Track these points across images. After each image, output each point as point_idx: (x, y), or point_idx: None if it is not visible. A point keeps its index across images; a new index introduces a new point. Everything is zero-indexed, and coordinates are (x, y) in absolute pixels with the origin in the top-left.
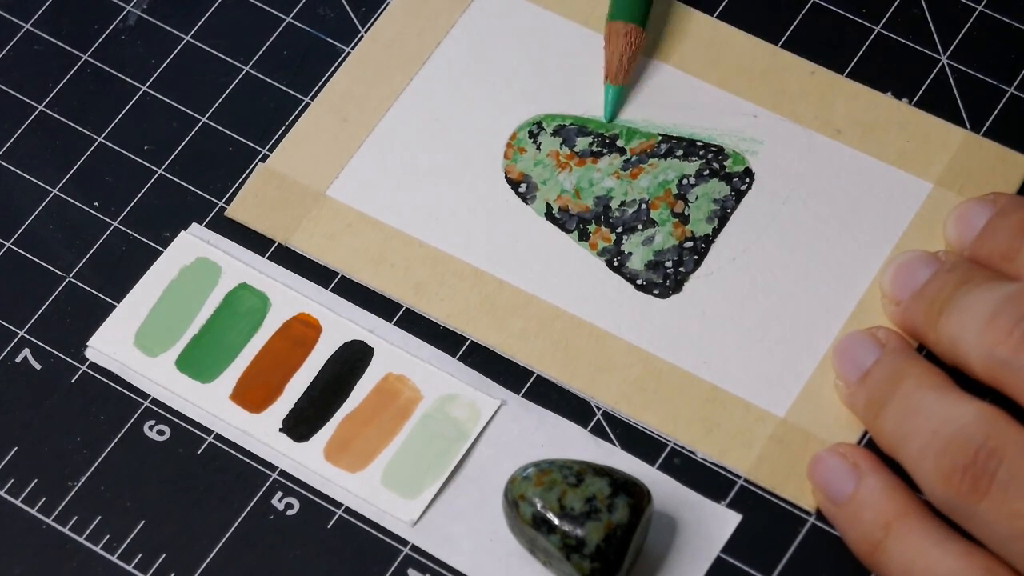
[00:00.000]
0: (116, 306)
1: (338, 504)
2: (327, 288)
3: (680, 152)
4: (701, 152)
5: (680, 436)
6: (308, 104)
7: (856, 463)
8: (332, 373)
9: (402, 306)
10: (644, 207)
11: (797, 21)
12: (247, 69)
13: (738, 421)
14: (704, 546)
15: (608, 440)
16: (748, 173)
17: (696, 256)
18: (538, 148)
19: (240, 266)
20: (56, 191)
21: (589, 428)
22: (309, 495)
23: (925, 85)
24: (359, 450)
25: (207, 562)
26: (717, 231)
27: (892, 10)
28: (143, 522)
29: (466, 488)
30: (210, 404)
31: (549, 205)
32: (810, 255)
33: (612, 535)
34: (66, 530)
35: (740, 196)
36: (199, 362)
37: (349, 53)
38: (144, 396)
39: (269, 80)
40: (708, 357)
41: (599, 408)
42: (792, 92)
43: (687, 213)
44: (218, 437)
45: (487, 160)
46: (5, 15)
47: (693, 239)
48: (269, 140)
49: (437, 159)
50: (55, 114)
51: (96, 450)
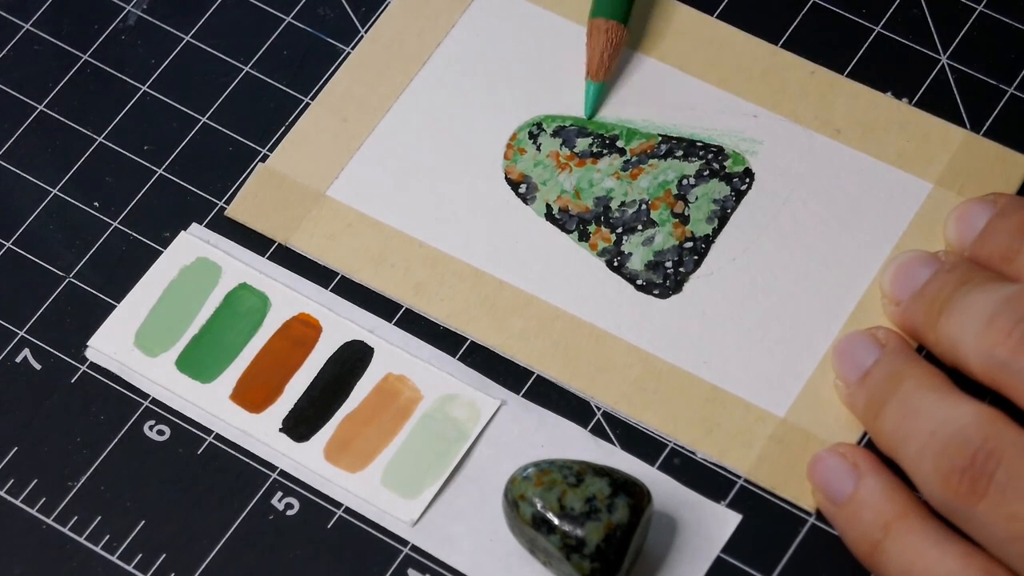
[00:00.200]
0: (116, 306)
1: (338, 504)
2: (327, 288)
3: (680, 152)
4: (701, 152)
5: (680, 436)
6: (308, 104)
7: (856, 463)
8: (332, 373)
9: (402, 306)
10: (644, 207)
11: (797, 21)
12: (247, 69)
13: (738, 421)
14: (704, 546)
15: (608, 440)
16: (748, 173)
17: (696, 256)
18: (538, 149)
19: (240, 266)
20: (56, 191)
21: (589, 428)
22: (309, 495)
23: (925, 85)
24: (359, 450)
25: (207, 562)
26: (717, 231)
27: (892, 10)
28: (143, 522)
29: (466, 488)
30: (210, 404)
31: (549, 205)
32: (810, 255)
33: (612, 535)
34: (66, 530)
35: (740, 196)
36: (199, 362)
37: (349, 53)
38: (144, 396)
39: (269, 80)
40: (708, 357)
41: (599, 408)
42: (792, 92)
43: (687, 213)
44: (218, 437)
45: (487, 160)
46: (5, 15)
47: (693, 239)
48: (269, 140)
49: (437, 159)
50: (55, 114)
51: (96, 450)
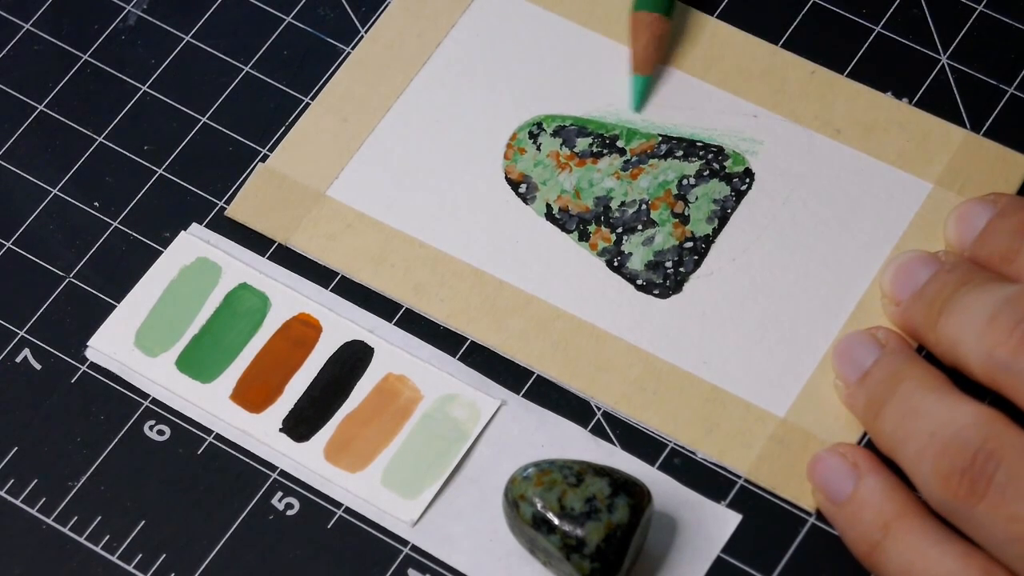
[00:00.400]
0: (116, 306)
1: (338, 504)
2: (327, 288)
3: (680, 152)
4: (701, 152)
5: (680, 436)
6: (308, 104)
7: (856, 463)
8: (332, 373)
9: (402, 306)
10: (644, 207)
11: (797, 21)
12: (247, 69)
13: (738, 421)
14: (704, 546)
15: (608, 440)
16: (748, 173)
17: (696, 256)
18: (538, 148)
19: (240, 266)
20: (56, 191)
21: (589, 428)
22: (309, 495)
23: (925, 85)
24: (359, 450)
25: (207, 562)
26: (717, 231)
27: (892, 10)
28: (143, 522)
29: (466, 488)
30: (210, 404)
31: (549, 205)
32: (810, 255)
33: (612, 535)
34: (66, 530)
35: (740, 196)
36: (199, 362)
37: (349, 53)
38: (144, 396)
39: (269, 80)
40: (708, 357)
41: (599, 408)
42: (792, 92)
43: (687, 213)
44: (218, 437)
45: (487, 160)
46: (5, 15)
47: (693, 239)
48: (269, 140)
49: (437, 159)
50: (55, 114)
51: (96, 450)
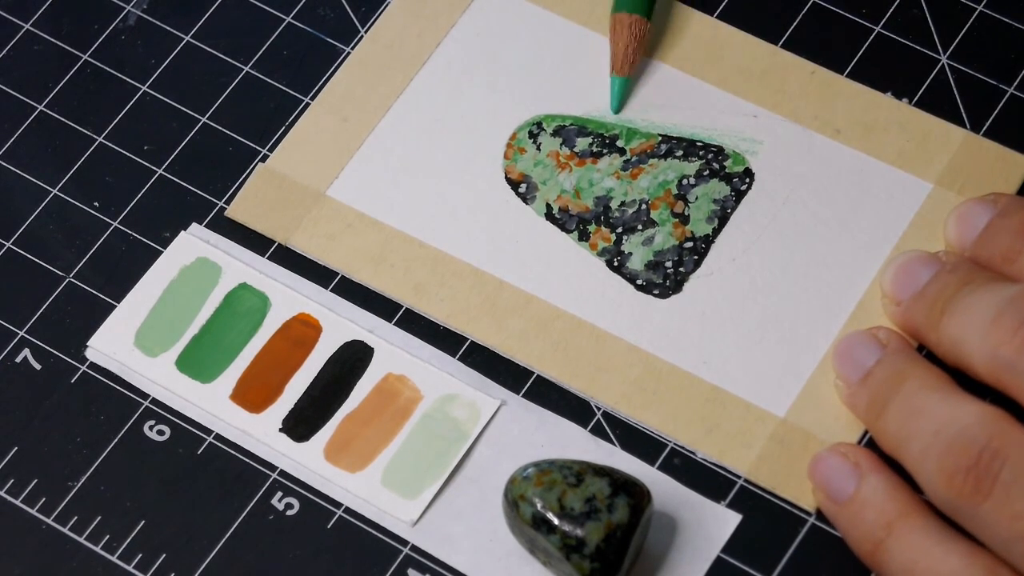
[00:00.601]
0: (116, 306)
1: (338, 504)
2: (327, 288)
3: (680, 152)
4: (701, 152)
5: (680, 436)
6: (308, 104)
7: (857, 462)
8: (332, 373)
9: (402, 306)
10: (644, 207)
11: (797, 21)
12: (247, 69)
13: (738, 421)
14: (704, 546)
15: (608, 440)
16: (748, 173)
17: (696, 256)
18: (538, 148)
19: (240, 266)
20: (56, 191)
21: (589, 428)
22: (309, 495)
23: (925, 85)
24: (359, 450)
25: (207, 562)
26: (717, 231)
27: (892, 10)
28: (143, 522)
29: (466, 488)
30: (210, 404)
31: (549, 205)
32: (810, 255)
33: (612, 535)
34: (66, 530)
35: (740, 196)
36: (199, 362)
37: (349, 53)
38: (144, 396)
39: (269, 80)
40: (708, 357)
41: (599, 408)
42: (792, 92)
43: (687, 213)
44: (218, 437)
45: (487, 160)
46: (5, 15)
47: (693, 239)
48: (269, 140)
49: (437, 159)
50: (55, 114)
51: (96, 450)
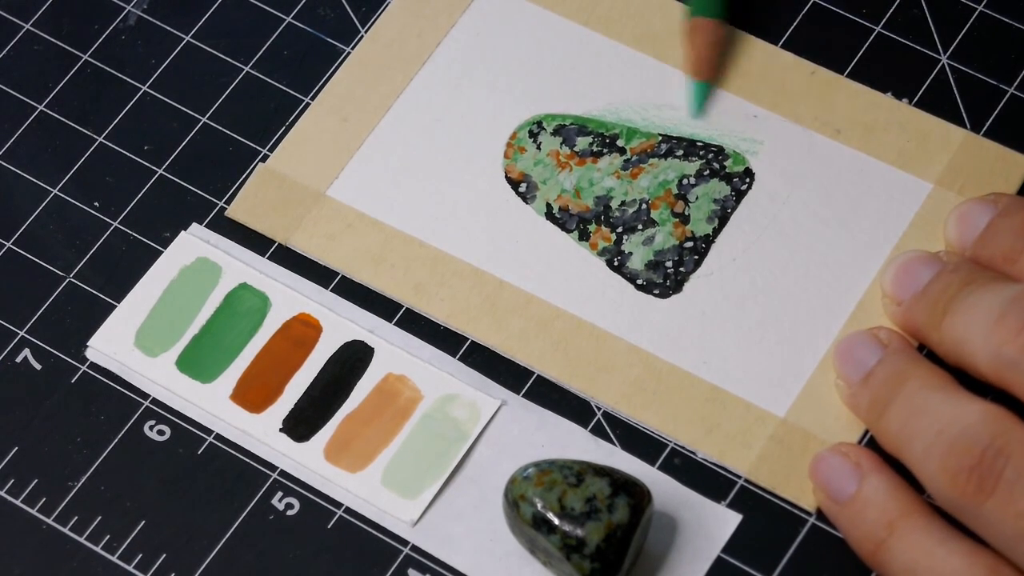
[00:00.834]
0: (116, 306)
1: (338, 504)
2: (327, 288)
3: (680, 152)
4: (701, 152)
5: (680, 436)
6: (308, 104)
7: (858, 462)
8: (332, 373)
9: (402, 306)
10: (644, 207)
11: (797, 21)
12: (247, 69)
13: (738, 421)
14: (704, 546)
15: (608, 440)
16: (748, 173)
17: (696, 256)
18: (538, 148)
19: (240, 266)
20: (56, 191)
21: (589, 428)
22: (309, 495)
23: (925, 85)
24: (359, 450)
25: (207, 562)
26: (717, 231)
27: (892, 10)
28: (143, 522)
29: (466, 488)
30: (210, 404)
31: (549, 205)
32: (810, 255)
33: (612, 535)
34: (66, 530)
35: (740, 196)
36: (199, 362)
37: (349, 53)
38: (144, 396)
39: (269, 80)
40: (708, 357)
41: (599, 408)
42: (792, 92)
43: (687, 213)
44: (218, 437)
45: (487, 160)
46: (5, 15)
47: (693, 239)
48: (269, 140)
49: (437, 159)
50: (55, 114)
51: (96, 450)
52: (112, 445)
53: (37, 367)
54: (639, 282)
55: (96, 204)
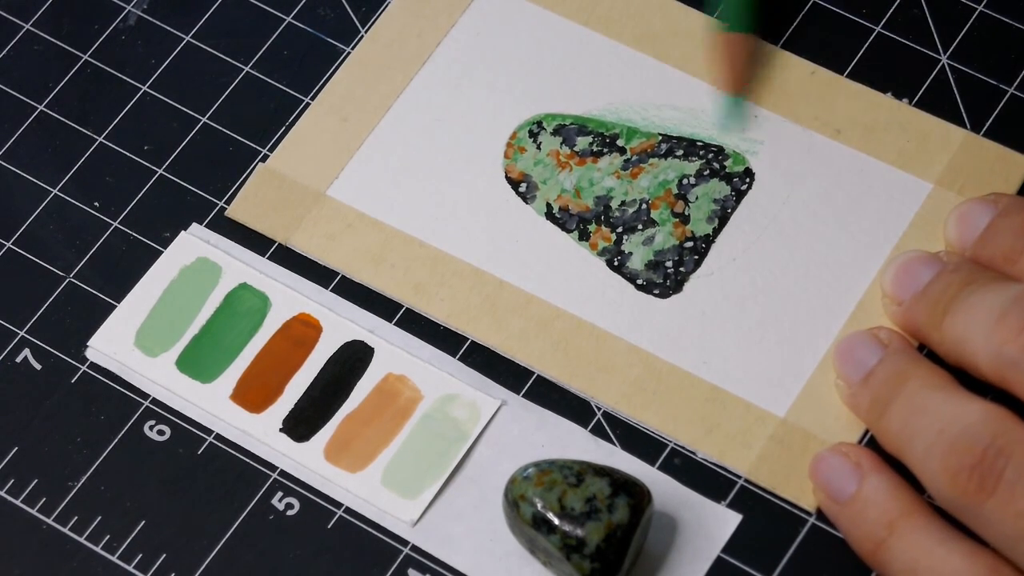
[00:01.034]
0: (116, 306)
1: (338, 504)
2: (327, 288)
3: (680, 152)
4: (701, 152)
5: (680, 436)
6: (308, 104)
7: (859, 462)
8: (332, 373)
9: (402, 306)
10: (644, 207)
11: (797, 21)
12: (247, 69)
13: (738, 421)
14: (704, 546)
15: (608, 440)
16: (748, 173)
17: (696, 256)
18: (538, 147)
19: (240, 266)
20: (56, 191)
21: (589, 428)
22: (309, 495)
23: (925, 85)
24: (359, 450)
25: (207, 562)
26: (717, 231)
27: (892, 10)
28: (143, 522)
29: (466, 488)
30: (210, 404)
31: (549, 205)
32: (810, 255)
33: (612, 535)
34: (66, 530)
35: (740, 196)
36: (199, 362)
37: (349, 53)
38: (144, 396)
39: (269, 80)
40: (708, 357)
41: (599, 408)
42: (792, 92)
43: (687, 213)
44: (218, 437)
45: (487, 160)
46: (5, 15)
47: (693, 239)
48: (269, 140)
49: (437, 159)
50: (55, 114)
51: (96, 450)
52: (112, 445)
53: (37, 367)
54: (639, 282)
55: (96, 204)
